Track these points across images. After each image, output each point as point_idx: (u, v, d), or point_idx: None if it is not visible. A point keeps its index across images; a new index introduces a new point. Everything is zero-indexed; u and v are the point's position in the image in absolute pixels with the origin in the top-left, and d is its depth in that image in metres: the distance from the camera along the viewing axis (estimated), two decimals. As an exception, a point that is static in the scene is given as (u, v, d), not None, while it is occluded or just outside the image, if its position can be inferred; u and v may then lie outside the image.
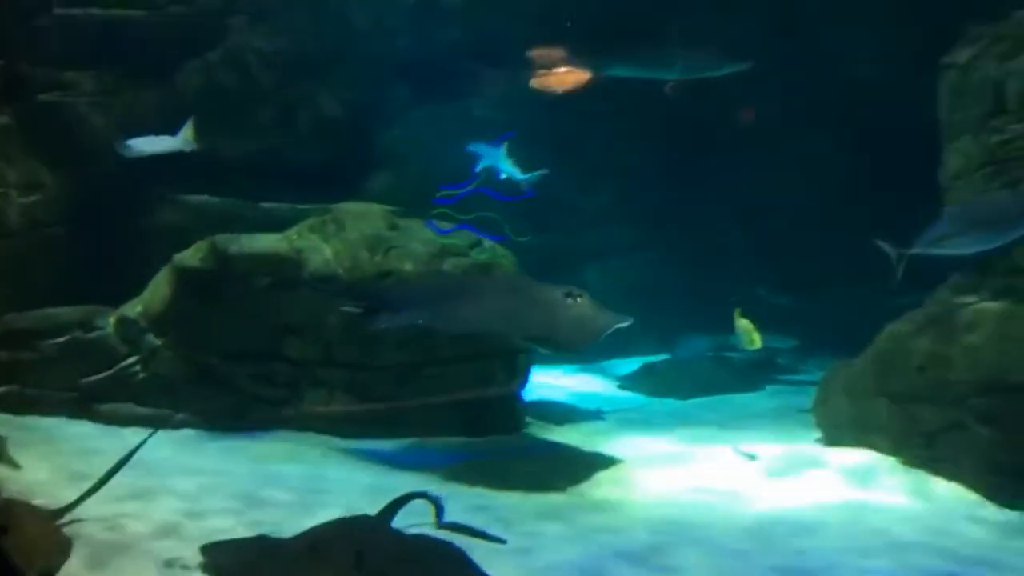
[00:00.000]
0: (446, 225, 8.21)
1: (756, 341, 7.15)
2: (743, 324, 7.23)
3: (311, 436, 7.07)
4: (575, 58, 9.89)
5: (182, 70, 9.59)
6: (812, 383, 9.55)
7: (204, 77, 9.66)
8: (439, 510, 4.95)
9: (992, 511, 5.72)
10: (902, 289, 6.36)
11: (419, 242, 7.55)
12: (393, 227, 7.72)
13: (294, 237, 7.50)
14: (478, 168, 8.12)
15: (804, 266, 11.21)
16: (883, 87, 10.80)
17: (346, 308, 6.65)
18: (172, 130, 7.67)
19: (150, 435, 5.40)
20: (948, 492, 6.02)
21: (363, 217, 7.77)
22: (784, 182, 11.57)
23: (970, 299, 6.25)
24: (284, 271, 7.31)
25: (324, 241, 7.40)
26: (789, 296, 11.33)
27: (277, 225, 8.23)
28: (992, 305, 6.02)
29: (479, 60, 11.18)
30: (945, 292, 6.57)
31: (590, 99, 11.85)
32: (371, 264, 7.31)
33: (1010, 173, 6.19)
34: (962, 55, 6.84)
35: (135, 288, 7.84)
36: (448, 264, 7.46)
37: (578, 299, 6.28)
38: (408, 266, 7.32)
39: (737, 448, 6.99)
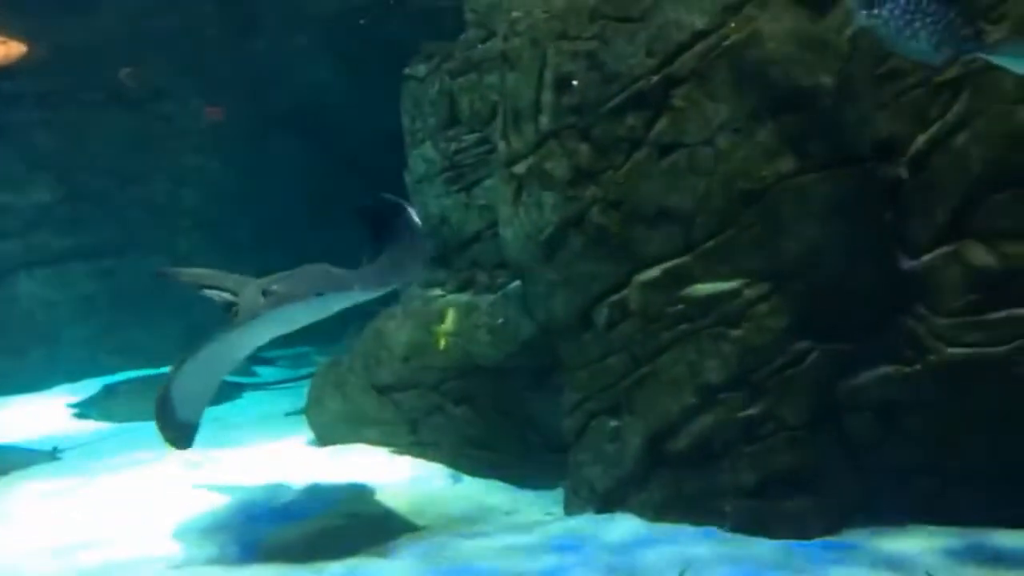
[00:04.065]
0: None
1: None
2: None
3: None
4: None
5: None
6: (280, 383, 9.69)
7: None
8: None
9: (467, 481, 6.42)
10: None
11: None
12: None
13: None
14: None
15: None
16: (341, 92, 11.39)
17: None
18: None
19: None
20: (429, 470, 6.58)
21: None
22: (245, 187, 11.45)
23: (439, 292, 6.89)
24: None
25: None
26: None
27: None
28: (459, 297, 6.71)
29: None
30: (416, 287, 7.14)
31: (19, 78, 10.11)
32: None
33: (466, 178, 6.97)
34: (420, 69, 7.48)
35: None
36: None
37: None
38: None
39: None
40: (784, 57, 4.91)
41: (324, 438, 7.23)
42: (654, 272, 5.23)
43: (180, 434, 5.00)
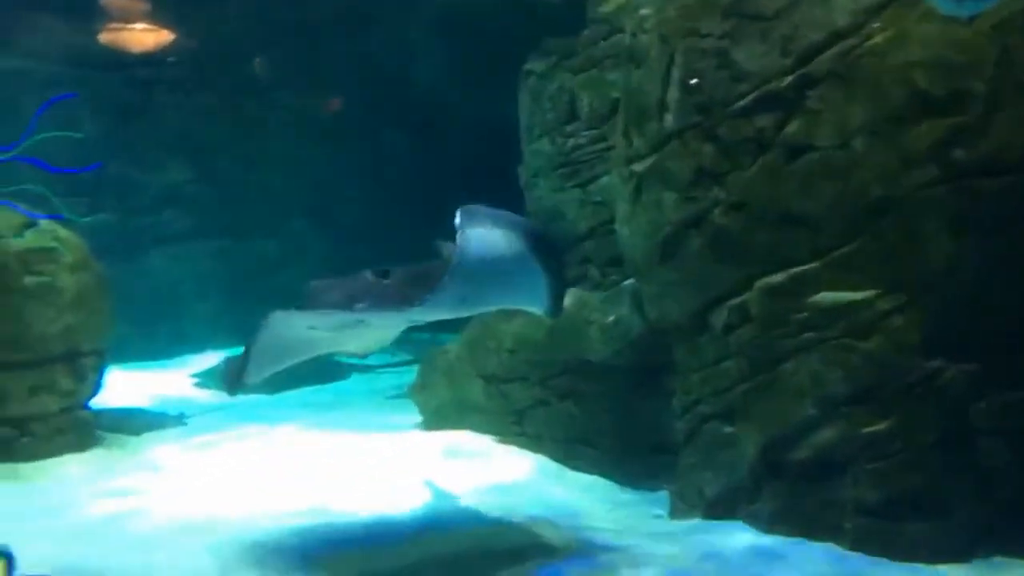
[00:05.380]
0: (-29, 200, 6.63)
1: None
2: None
3: None
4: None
5: None
6: (385, 367, 9.91)
7: None
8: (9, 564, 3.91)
9: (571, 475, 6.42)
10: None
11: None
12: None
13: None
14: (29, 132, 6.67)
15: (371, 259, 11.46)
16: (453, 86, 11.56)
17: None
18: None
19: None
20: (533, 464, 6.60)
21: None
22: (356, 177, 11.73)
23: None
24: None
25: None
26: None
27: None
28: (571, 291, 6.70)
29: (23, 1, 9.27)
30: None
31: (159, 65, 10.66)
32: None
33: (581, 174, 6.97)
34: (539, 64, 7.52)
35: None
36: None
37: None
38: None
39: None
40: (931, 60, 4.70)
41: (432, 422, 7.39)
42: (778, 277, 5.09)
43: (235, 383, 5.02)
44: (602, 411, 6.38)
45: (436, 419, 7.39)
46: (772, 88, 5.09)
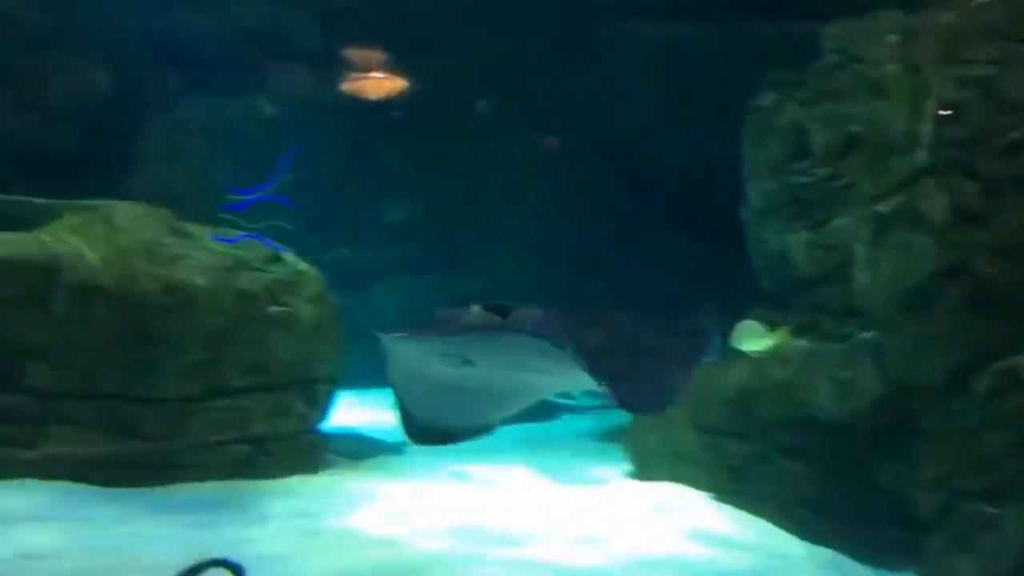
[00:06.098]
0: (230, 234, 7.27)
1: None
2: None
3: (62, 485, 5.83)
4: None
5: None
6: (593, 408, 9.70)
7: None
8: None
9: (796, 544, 5.87)
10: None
11: (208, 252, 6.55)
12: (178, 233, 6.63)
13: (47, 238, 6.18)
14: (277, 174, 7.24)
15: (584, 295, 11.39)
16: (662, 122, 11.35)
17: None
18: None
19: None
20: (754, 529, 6.10)
21: (140, 219, 6.60)
22: (565, 215, 11.75)
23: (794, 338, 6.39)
24: (31, 281, 6.00)
25: (88, 245, 6.17)
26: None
27: (9, 223, 6.81)
28: (797, 343, 6.22)
29: (273, 54, 10.22)
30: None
31: (388, 108, 11.31)
32: (150, 276, 6.20)
33: (812, 214, 6.47)
34: (766, 98, 7.12)
35: None
36: (244, 280, 6.52)
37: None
38: (200, 280, 6.31)
39: None
40: None
41: (642, 471, 7.10)
42: (1059, 337, 4.40)
43: (415, 432, 4.75)
44: (833, 474, 5.80)
45: (646, 468, 7.09)
46: (1050, 121, 4.46)
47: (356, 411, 9.14)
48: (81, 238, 6.22)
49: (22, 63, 8.90)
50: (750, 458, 6.28)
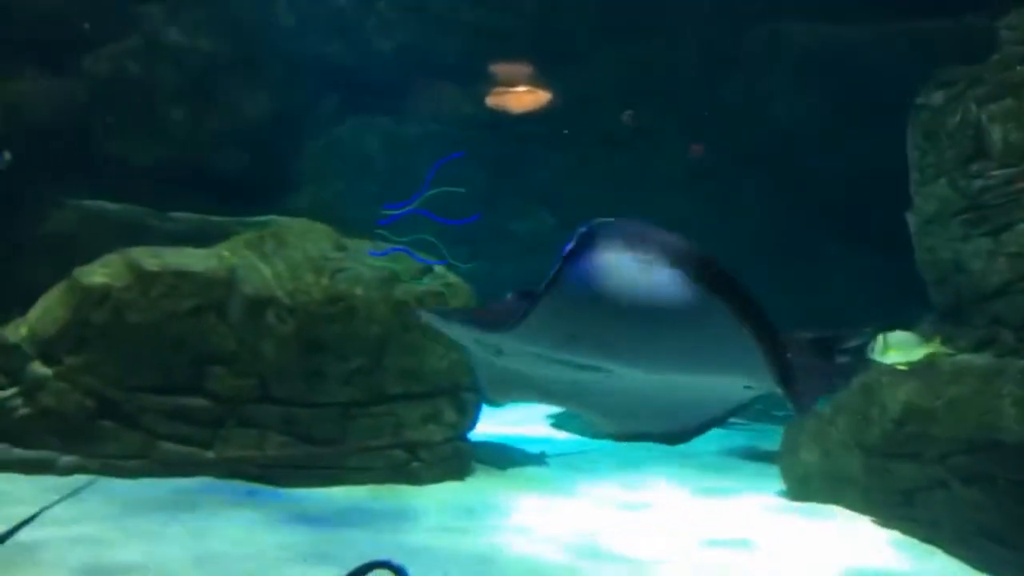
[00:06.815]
0: (381, 247, 7.55)
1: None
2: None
3: (237, 485, 6.20)
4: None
5: (91, 58, 8.63)
6: (743, 424, 9.34)
7: (113, 67, 8.73)
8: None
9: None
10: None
11: (366, 266, 6.85)
12: (340, 247, 6.98)
13: (226, 254, 6.63)
14: (425, 188, 7.45)
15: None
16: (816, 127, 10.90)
17: None
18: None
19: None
20: (926, 559, 5.66)
21: (307, 234, 7.00)
22: (713, 223, 11.46)
23: (949, 350, 5.97)
24: (212, 292, 6.44)
25: (262, 260, 6.59)
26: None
27: (186, 238, 7.35)
28: (974, 358, 5.76)
29: (417, 72, 10.59)
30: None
31: (530, 122, 11.45)
32: (318, 288, 6.56)
33: (992, 220, 5.99)
34: (936, 97, 6.66)
35: (14, 307, 6.76)
36: (399, 291, 6.76)
37: None
38: (359, 291, 6.63)
39: None
40: None
41: (797, 492, 6.76)
42: None
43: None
44: (1020, 503, 5.31)
45: (802, 489, 6.74)
46: None
47: (500, 421, 9.26)
48: (255, 253, 6.62)
49: (203, 89, 9.63)
50: (922, 482, 5.84)
